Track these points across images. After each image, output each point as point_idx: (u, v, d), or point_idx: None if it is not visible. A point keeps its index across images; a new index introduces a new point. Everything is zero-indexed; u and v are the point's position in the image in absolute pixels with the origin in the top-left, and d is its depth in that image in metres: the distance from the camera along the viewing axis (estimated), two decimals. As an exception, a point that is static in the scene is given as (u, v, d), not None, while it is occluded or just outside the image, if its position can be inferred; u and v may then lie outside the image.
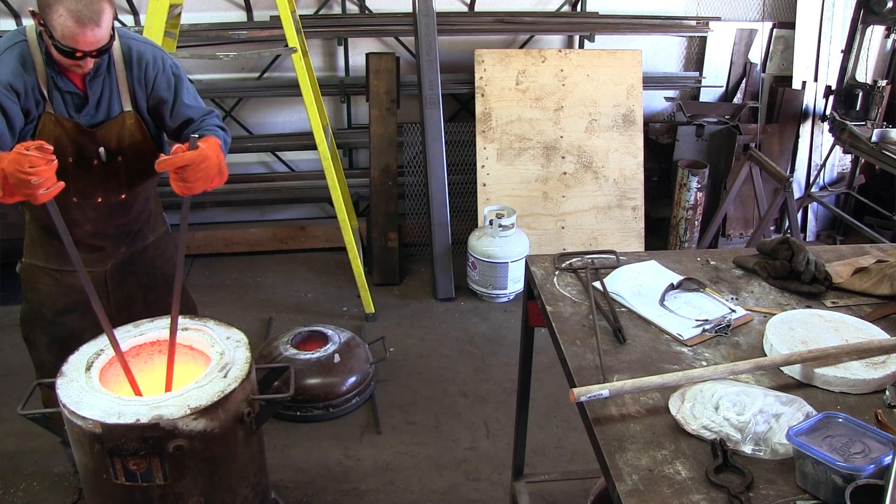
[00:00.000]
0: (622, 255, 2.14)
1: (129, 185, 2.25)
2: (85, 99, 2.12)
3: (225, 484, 1.98)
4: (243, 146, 4.58)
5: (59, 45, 1.92)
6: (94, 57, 1.98)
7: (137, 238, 2.41)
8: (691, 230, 4.44)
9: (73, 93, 2.10)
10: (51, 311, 2.34)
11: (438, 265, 4.18)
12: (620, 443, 1.42)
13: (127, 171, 2.22)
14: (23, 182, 1.71)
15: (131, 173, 2.23)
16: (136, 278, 2.43)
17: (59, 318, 2.35)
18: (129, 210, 2.31)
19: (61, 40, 1.91)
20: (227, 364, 1.97)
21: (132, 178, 2.24)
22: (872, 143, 4.09)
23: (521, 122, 4.39)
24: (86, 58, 1.96)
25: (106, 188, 2.21)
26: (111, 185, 2.21)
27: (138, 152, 2.21)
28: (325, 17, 4.44)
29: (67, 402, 1.82)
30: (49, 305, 2.34)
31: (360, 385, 3.26)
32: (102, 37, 1.94)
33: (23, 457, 2.93)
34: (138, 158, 2.22)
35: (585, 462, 2.94)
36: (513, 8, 4.61)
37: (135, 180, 2.26)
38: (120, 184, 2.23)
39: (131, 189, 2.26)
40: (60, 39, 1.91)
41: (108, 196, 2.22)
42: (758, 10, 4.81)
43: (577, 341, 1.75)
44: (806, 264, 1.94)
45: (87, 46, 1.93)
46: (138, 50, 2.16)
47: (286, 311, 4.05)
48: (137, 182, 2.27)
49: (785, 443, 1.34)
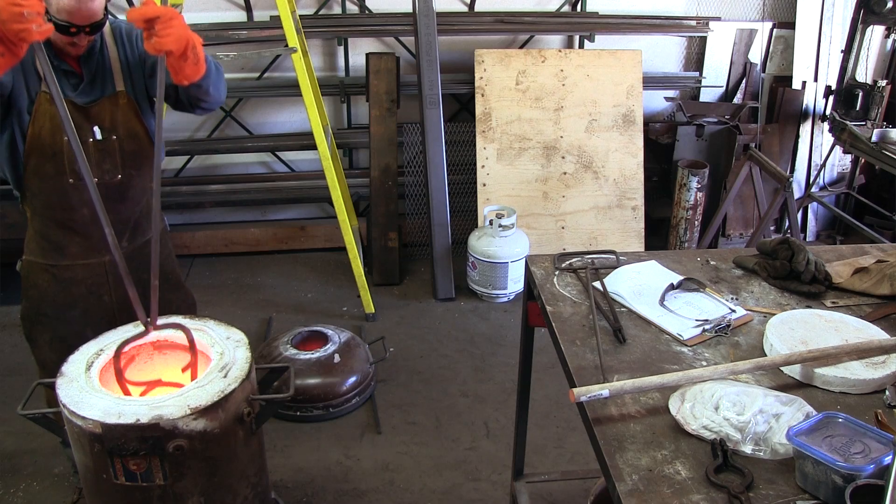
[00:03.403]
0: (622, 255, 2.14)
1: (125, 166, 2.28)
2: (80, 78, 2.15)
3: (225, 484, 1.98)
4: (243, 146, 4.58)
5: (54, 19, 1.94)
6: (87, 34, 2.02)
7: (137, 232, 2.42)
8: (691, 230, 4.44)
9: (68, 71, 2.13)
10: (51, 308, 2.35)
11: (438, 265, 4.18)
12: (620, 443, 1.42)
13: (122, 152, 2.25)
14: (15, 16, 1.67)
15: (126, 154, 2.26)
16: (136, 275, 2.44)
17: (60, 314, 2.35)
18: (125, 195, 2.33)
19: (56, 14, 1.94)
20: (227, 364, 1.97)
21: (127, 159, 2.27)
22: (872, 143, 4.09)
23: (521, 122, 4.39)
24: (80, 34, 2.00)
25: (101, 168, 2.23)
26: (106, 164, 2.24)
27: (132, 133, 2.25)
28: (325, 17, 4.44)
29: (67, 402, 1.82)
30: (49, 302, 2.34)
31: (360, 385, 3.26)
32: (96, 11, 1.99)
33: (23, 457, 2.93)
34: (132, 139, 2.25)
35: (585, 462, 2.94)
36: (513, 8, 4.61)
37: (130, 162, 2.29)
38: (115, 164, 2.25)
39: (126, 171, 2.29)
40: (56, 14, 1.94)
41: (103, 176, 2.24)
42: (758, 10, 4.81)
43: (577, 341, 1.75)
44: (806, 264, 1.94)
45: (82, 21, 1.97)
46: (125, 28, 2.23)
47: (286, 311, 4.05)
48: (132, 164, 2.30)
49: (785, 443, 1.34)
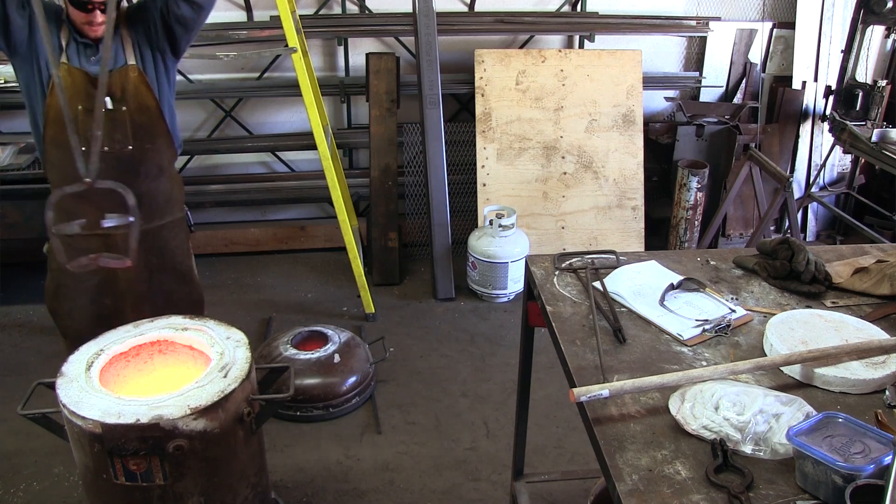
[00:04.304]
0: (622, 255, 2.14)
1: (136, 137, 2.37)
2: (96, 48, 2.31)
3: (225, 484, 1.99)
4: (243, 146, 4.58)
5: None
6: (102, 11, 2.20)
7: (154, 214, 2.49)
8: (691, 230, 4.44)
9: (85, 43, 2.32)
10: (69, 278, 2.44)
11: (438, 265, 4.18)
12: (620, 443, 1.42)
13: (132, 123, 2.36)
14: None
15: (136, 125, 2.37)
16: (145, 256, 2.49)
17: (78, 284, 2.46)
18: (136, 169, 2.41)
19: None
20: (227, 364, 1.97)
21: (137, 130, 2.38)
22: (872, 143, 4.09)
23: (521, 122, 4.39)
24: (95, 10, 2.21)
25: (112, 137, 2.33)
26: (117, 134, 2.34)
27: (142, 105, 2.37)
28: (325, 17, 4.44)
29: (67, 402, 1.82)
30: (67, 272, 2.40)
31: (360, 385, 3.26)
32: None
33: (23, 457, 2.93)
34: (142, 111, 2.37)
35: (585, 462, 2.94)
36: (513, 8, 4.61)
37: (140, 133, 2.38)
38: (126, 134, 2.36)
39: (138, 143, 2.38)
40: None
41: (114, 145, 2.34)
42: (758, 10, 4.81)
43: (577, 341, 1.75)
44: (806, 264, 1.94)
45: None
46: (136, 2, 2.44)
47: (286, 311, 4.05)
48: (143, 136, 2.39)
49: (785, 443, 1.33)
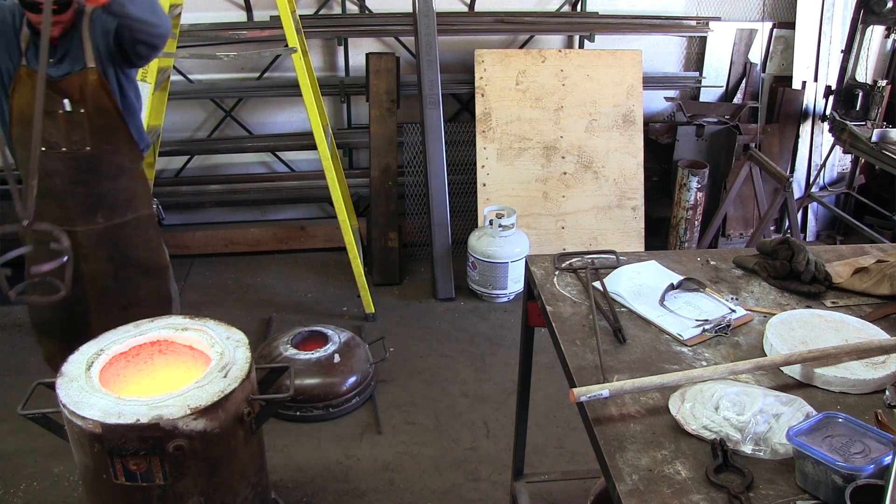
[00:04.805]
0: (622, 255, 2.14)
1: (94, 138, 2.38)
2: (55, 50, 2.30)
3: (225, 484, 1.99)
4: (243, 146, 4.58)
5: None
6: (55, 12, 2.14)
7: (115, 212, 2.50)
8: (691, 230, 4.44)
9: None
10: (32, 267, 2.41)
11: (438, 265, 4.18)
12: (620, 443, 1.42)
13: (91, 124, 2.36)
14: None
15: (95, 127, 2.38)
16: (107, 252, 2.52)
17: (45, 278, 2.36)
18: (95, 169, 2.42)
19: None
20: (227, 364, 1.97)
21: (96, 131, 2.38)
22: (872, 143, 4.09)
23: (521, 122, 4.39)
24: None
25: (70, 139, 2.35)
26: (75, 135, 2.35)
27: (100, 107, 2.37)
28: (325, 17, 4.44)
29: (67, 402, 1.82)
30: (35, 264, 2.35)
31: (360, 385, 3.26)
32: None
33: (23, 457, 2.93)
34: (100, 113, 2.38)
35: (585, 462, 2.94)
36: (513, 8, 4.61)
37: (98, 134, 2.39)
38: (84, 136, 2.36)
39: (96, 143, 2.39)
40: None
41: (71, 146, 2.35)
42: (758, 10, 4.81)
43: (577, 341, 1.75)
44: (806, 264, 1.94)
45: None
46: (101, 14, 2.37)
47: (286, 311, 4.05)
48: (101, 137, 2.40)
49: (785, 443, 1.33)
